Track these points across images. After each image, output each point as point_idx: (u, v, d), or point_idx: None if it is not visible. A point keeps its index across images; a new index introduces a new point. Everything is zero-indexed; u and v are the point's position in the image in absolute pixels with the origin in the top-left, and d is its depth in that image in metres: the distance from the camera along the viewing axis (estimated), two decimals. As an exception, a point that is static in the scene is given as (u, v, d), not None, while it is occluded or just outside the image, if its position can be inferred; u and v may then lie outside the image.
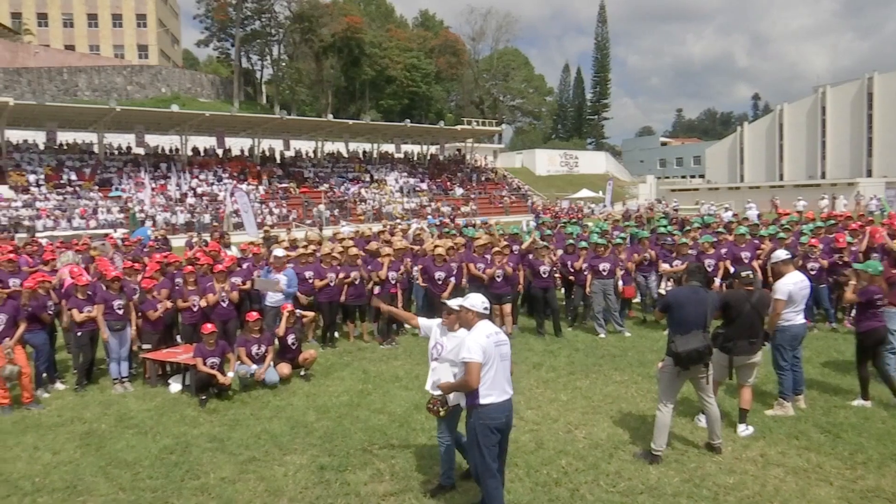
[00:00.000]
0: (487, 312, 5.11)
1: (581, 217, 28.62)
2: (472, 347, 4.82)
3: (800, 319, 7.30)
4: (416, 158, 58.00)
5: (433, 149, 58.89)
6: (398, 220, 28.61)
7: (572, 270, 11.88)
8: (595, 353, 10.18)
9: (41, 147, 40.52)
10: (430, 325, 5.69)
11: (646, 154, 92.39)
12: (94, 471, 6.29)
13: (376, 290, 11.06)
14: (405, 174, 52.81)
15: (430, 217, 33.09)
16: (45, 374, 9.00)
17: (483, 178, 57.19)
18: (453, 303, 5.30)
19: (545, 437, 6.79)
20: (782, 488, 5.58)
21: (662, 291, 11.35)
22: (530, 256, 11.84)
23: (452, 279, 11.15)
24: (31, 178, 36.99)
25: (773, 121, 71.60)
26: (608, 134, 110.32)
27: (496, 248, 11.42)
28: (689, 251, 11.85)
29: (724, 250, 11.97)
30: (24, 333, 8.42)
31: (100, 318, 8.86)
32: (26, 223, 31.95)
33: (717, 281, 11.30)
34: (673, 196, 55.01)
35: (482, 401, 4.86)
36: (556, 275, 12.30)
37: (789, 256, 7.64)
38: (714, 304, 6.35)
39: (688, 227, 15.27)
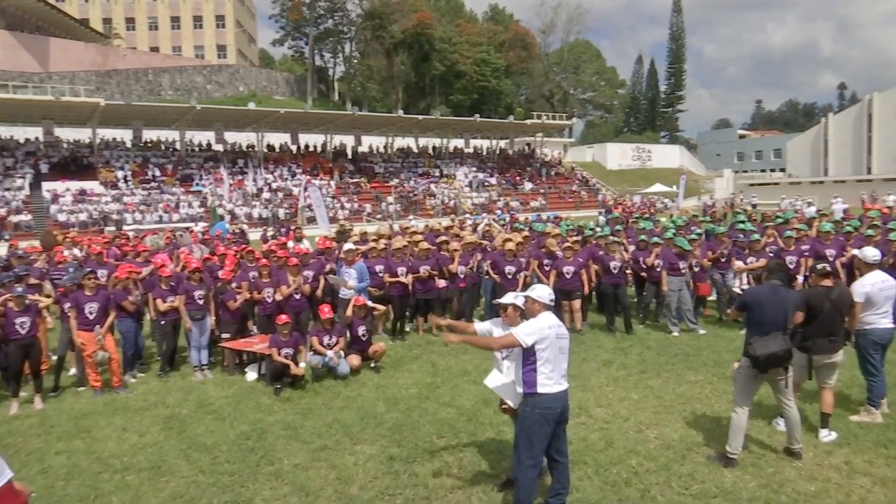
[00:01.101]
0: (552, 304, 5.11)
1: (654, 212, 27.96)
2: (528, 329, 4.89)
3: (885, 323, 6.77)
4: (485, 153, 57.93)
5: (502, 143, 58.70)
6: (467, 215, 28.68)
7: (644, 267, 11.63)
8: (668, 352, 9.94)
9: (128, 144, 42.58)
10: (489, 328, 5.67)
11: (722, 147, 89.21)
12: (176, 453, 6.59)
13: (441, 283, 11.12)
14: (474, 169, 52.86)
15: (498, 212, 33.02)
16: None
17: (553, 173, 56.62)
18: (508, 298, 5.38)
19: (615, 435, 6.69)
20: (868, 499, 5.30)
21: (738, 290, 10.97)
22: (600, 252, 11.68)
23: (523, 274, 11.10)
24: (120, 174, 38.95)
25: (861, 111, 67.78)
26: (683, 127, 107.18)
27: (567, 244, 11.31)
28: (767, 248, 11.41)
29: (805, 247, 11.45)
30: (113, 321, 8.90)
31: (182, 307, 9.27)
32: (114, 217, 33.67)
33: (800, 279, 10.83)
34: (752, 191, 53.00)
35: (539, 389, 4.86)
36: (628, 271, 12.05)
37: (878, 256, 7.14)
38: (796, 303, 6.07)
39: (767, 224, 14.67)
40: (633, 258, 11.96)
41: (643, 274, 11.80)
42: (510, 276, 11.00)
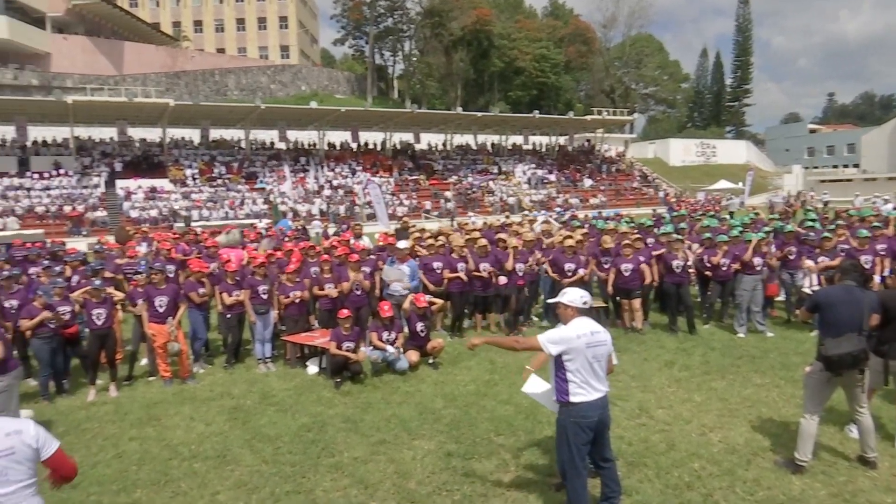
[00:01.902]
0: (587, 307, 4.98)
1: (719, 209, 27.16)
2: (553, 338, 4.78)
3: None
4: (544, 150, 57.44)
5: (562, 140, 58.08)
6: (525, 212, 28.51)
7: (709, 265, 11.34)
8: (732, 354, 9.66)
9: (196, 143, 44.00)
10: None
11: (792, 142, 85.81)
12: (240, 443, 6.80)
13: (502, 280, 11.10)
14: (533, 166, 52.50)
15: (557, 209, 32.68)
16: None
17: (613, 169, 55.69)
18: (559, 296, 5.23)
19: (677, 438, 6.55)
20: (949, 510, 5.05)
21: (808, 290, 10.57)
22: (662, 250, 11.44)
23: (582, 271, 10.99)
24: (188, 172, 40.31)
25: (944, 103, 64.16)
26: (749, 121, 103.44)
27: (626, 242, 11.13)
28: (838, 247, 10.94)
29: (881, 246, 10.94)
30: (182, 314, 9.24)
31: (247, 301, 9.54)
32: (183, 213, 34.88)
33: (877, 279, 10.35)
34: (823, 187, 50.91)
35: (571, 398, 4.76)
36: (691, 270, 11.76)
37: None
38: (872, 305, 5.80)
39: (839, 222, 14.05)
40: (698, 257, 11.67)
41: (707, 273, 11.50)
42: (570, 274, 10.89)
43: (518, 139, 54.73)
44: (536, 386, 5.37)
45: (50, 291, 8.53)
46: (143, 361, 9.81)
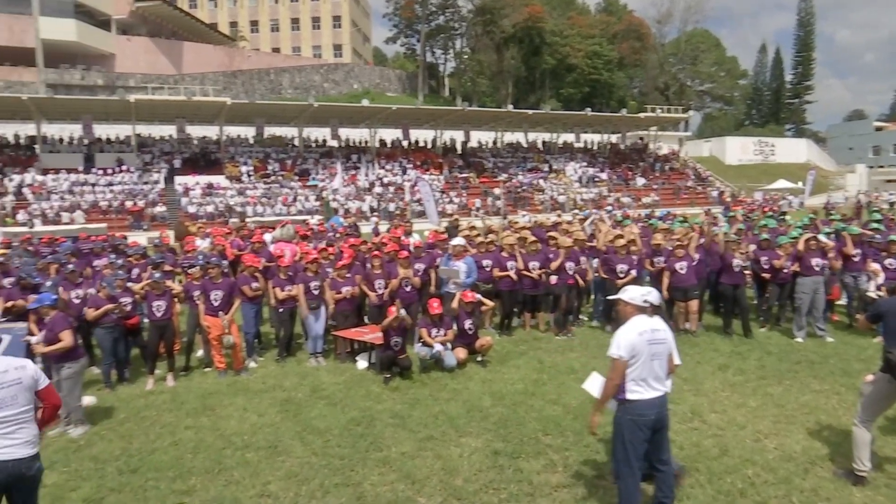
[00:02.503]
0: (647, 306, 4.91)
1: (777, 210, 26.35)
2: (620, 343, 4.74)
3: None
4: (596, 148, 56.72)
5: (614, 138, 57.26)
6: (576, 211, 28.20)
7: (766, 267, 11.02)
8: (790, 358, 9.37)
9: (251, 141, 44.97)
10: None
11: (856, 140, 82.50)
12: (291, 434, 6.93)
13: (553, 279, 11.02)
14: (584, 164, 51.89)
15: (609, 208, 32.23)
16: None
17: (667, 168, 54.60)
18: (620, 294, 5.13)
19: (730, 443, 6.40)
20: None
21: (874, 294, 10.15)
22: (718, 249, 11.18)
23: (634, 272, 10.82)
24: (243, 168, 41.23)
25: None
26: (810, 119, 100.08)
27: (678, 241, 10.91)
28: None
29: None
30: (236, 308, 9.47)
31: (300, 297, 9.71)
32: (238, 209, 35.70)
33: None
34: (889, 187, 48.86)
35: (629, 396, 4.74)
36: (747, 271, 11.44)
37: None
38: None
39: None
40: (755, 258, 11.36)
41: (765, 275, 11.18)
42: (622, 275, 10.74)
43: (569, 137, 54.16)
44: (597, 382, 5.31)
45: (113, 283, 8.87)
46: (199, 353, 10.09)
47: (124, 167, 38.45)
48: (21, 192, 34.38)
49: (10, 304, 8.55)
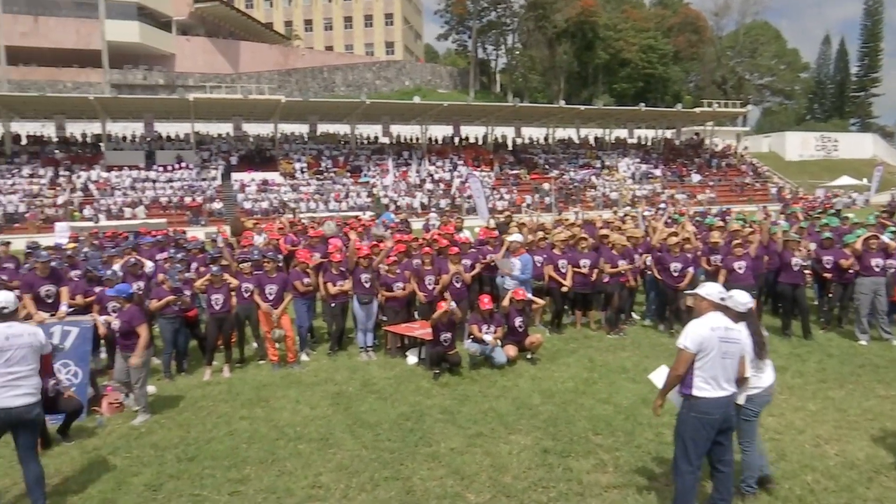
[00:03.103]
0: (723, 303, 4.84)
1: (828, 207, 25.34)
2: (689, 334, 4.68)
3: None
4: (649, 144, 55.67)
5: (668, 133, 56.06)
6: (628, 208, 27.76)
7: (828, 267, 10.64)
8: (853, 362, 9.03)
9: (305, 138, 45.74)
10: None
11: (928, 135, 78.85)
12: (342, 427, 7.03)
13: (606, 278, 10.88)
14: (638, 160, 51.00)
15: (662, 205, 31.59)
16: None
17: (723, 164, 53.20)
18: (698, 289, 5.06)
19: (788, 448, 6.21)
20: None
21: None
22: (776, 247, 10.85)
23: (690, 269, 10.59)
24: (297, 165, 41.98)
25: None
26: (877, 113, 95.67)
27: (735, 239, 10.62)
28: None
29: None
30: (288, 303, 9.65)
31: (351, 291, 9.83)
32: (291, 205, 36.35)
33: None
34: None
35: (695, 392, 4.66)
36: (807, 271, 11.06)
37: None
38: None
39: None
40: (816, 257, 10.98)
41: (827, 275, 10.80)
42: (676, 273, 10.53)
43: (622, 133, 53.29)
44: (663, 374, 5.20)
45: (175, 276, 9.16)
46: (254, 346, 10.32)
47: (183, 164, 39.62)
48: (88, 188, 35.82)
49: (80, 299, 8.92)
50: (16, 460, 5.71)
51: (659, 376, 5.27)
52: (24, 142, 39.96)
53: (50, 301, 8.46)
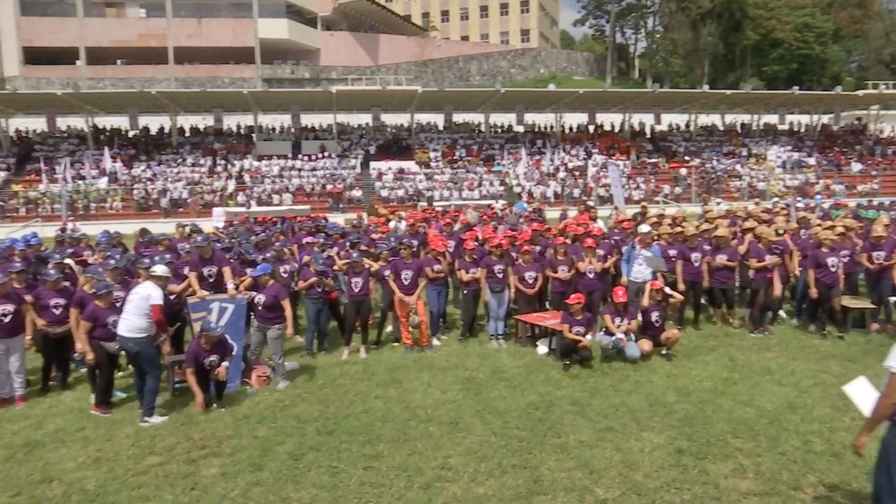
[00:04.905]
0: None
1: None
2: None
3: None
4: (803, 130, 51.57)
5: (825, 118, 51.59)
6: (776, 199, 25.91)
7: None
8: None
9: (440, 127, 46.58)
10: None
11: None
12: (472, 413, 7.15)
13: (751, 274, 10.27)
14: (789, 148, 47.42)
15: (817, 197, 29.20)
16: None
17: (890, 152, 48.23)
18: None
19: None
20: None
21: None
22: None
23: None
24: (432, 154, 42.89)
25: None
26: None
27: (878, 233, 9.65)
28: None
29: None
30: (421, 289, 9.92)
31: (483, 280, 9.95)
32: (427, 193, 37.23)
33: None
34: None
35: None
36: None
37: None
38: None
39: None
40: None
41: None
42: (833, 269, 9.74)
43: (772, 118, 49.66)
44: (864, 390, 4.54)
45: (319, 259, 9.70)
46: (389, 328, 10.71)
47: (326, 153, 41.67)
48: (241, 176, 38.61)
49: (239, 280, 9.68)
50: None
51: (859, 393, 4.58)
52: (187, 133, 43.76)
53: (211, 280, 9.21)
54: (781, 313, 11.22)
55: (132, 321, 7.15)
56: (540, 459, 5.98)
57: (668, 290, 9.73)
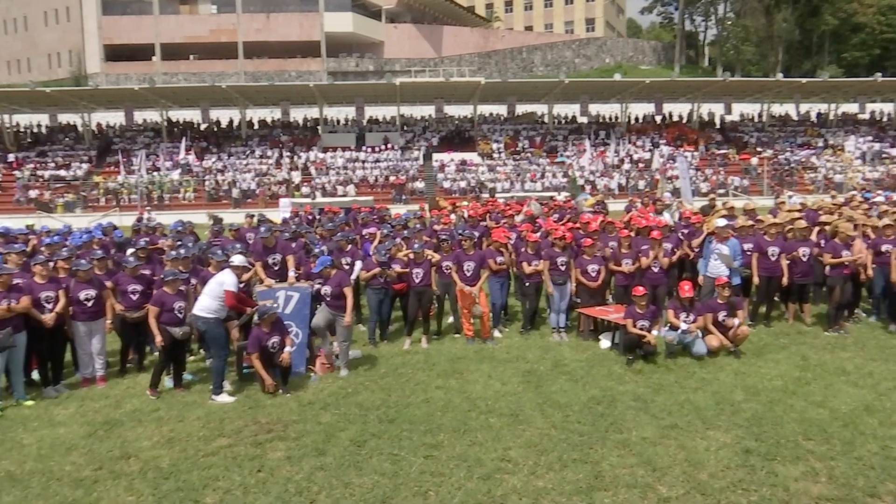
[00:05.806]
0: None
1: None
2: None
3: None
4: (885, 120, 48.95)
5: (911, 107, 48.78)
6: (854, 193, 24.69)
7: None
8: None
9: (503, 118, 46.35)
10: None
11: None
12: (532, 405, 7.12)
13: (828, 270, 9.84)
14: (869, 138, 45.09)
15: (883, 192, 27.69)
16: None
17: None
18: None
19: None
20: None
21: None
22: None
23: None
24: (495, 146, 42.73)
25: None
26: None
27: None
28: None
29: None
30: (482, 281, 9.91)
31: (545, 272, 9.87)
32: (489, 185, 37.16)
33: None
34: None
35: None
36: None
37: None
38: None
39: None
40: None
41: None
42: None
43: (851, 108, 47.29)
44: None
45: (383, 251, 9.82)
46: (451, 319, 10.76)
47: (389, 145, 42.07)
48: (307, 167, 39.41)
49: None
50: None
51: None
52: (255, 126, 44.93)
53: (276, 269, 9.46)
54: (859, 311, 10.72)
55: (204, 302, 7.67)
56: (601, 454, 5.91)
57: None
